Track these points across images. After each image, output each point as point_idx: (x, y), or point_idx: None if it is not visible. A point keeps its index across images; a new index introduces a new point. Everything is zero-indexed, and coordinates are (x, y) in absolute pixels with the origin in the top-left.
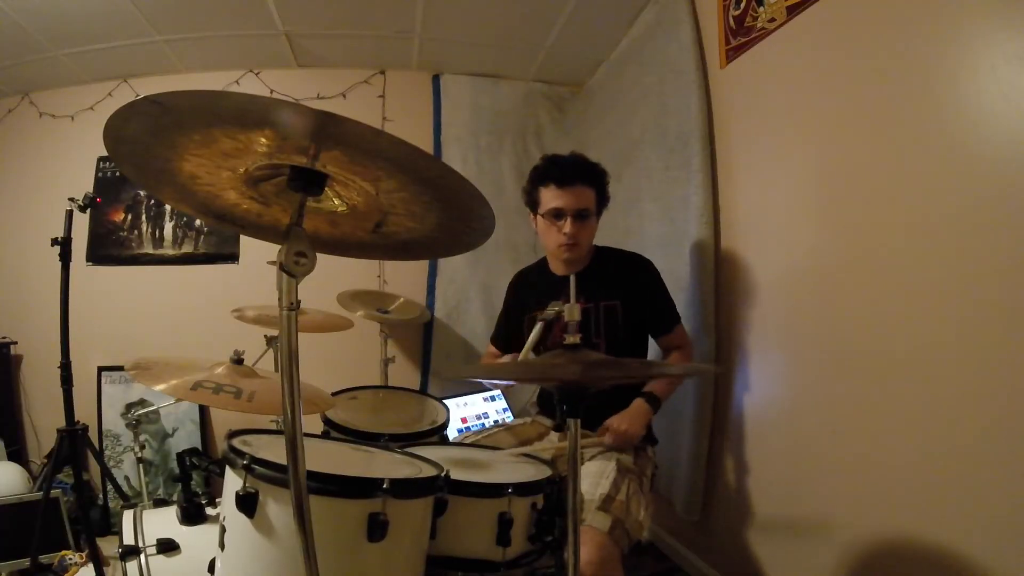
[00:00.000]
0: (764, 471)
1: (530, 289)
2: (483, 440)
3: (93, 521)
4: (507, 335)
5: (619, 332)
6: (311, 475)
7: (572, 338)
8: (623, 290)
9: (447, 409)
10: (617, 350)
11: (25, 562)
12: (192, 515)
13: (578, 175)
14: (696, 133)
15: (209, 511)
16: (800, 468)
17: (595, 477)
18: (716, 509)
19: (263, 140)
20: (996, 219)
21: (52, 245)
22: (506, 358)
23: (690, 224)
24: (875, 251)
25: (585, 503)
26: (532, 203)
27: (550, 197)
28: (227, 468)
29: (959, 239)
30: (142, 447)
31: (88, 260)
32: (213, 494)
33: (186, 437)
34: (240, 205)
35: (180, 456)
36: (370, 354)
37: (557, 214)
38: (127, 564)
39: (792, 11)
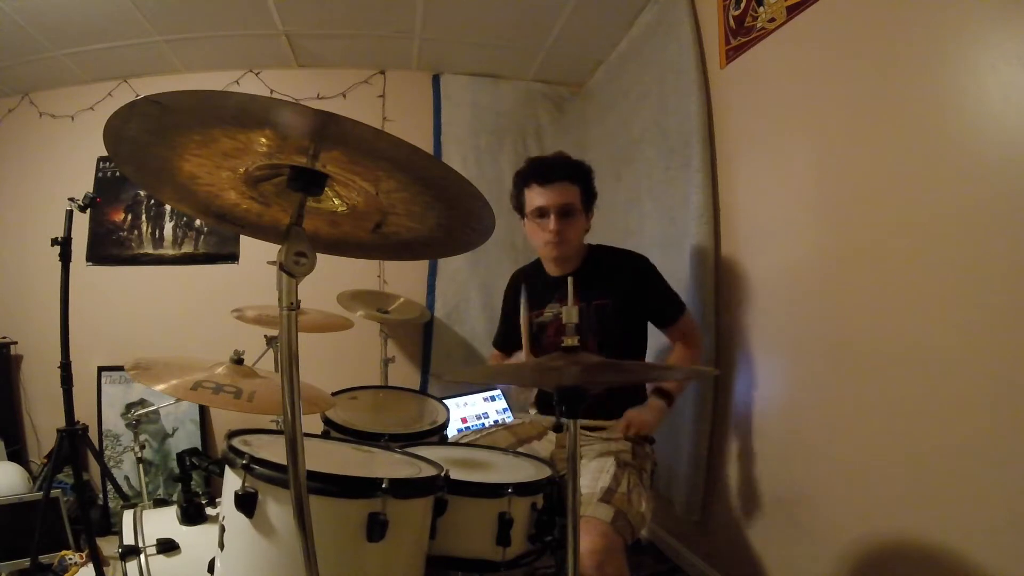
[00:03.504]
0: (764, 471)
1: (526, 290)
2: (482, 439)
3: (93, 521)
4: (507, 337)
5: (610, 331)
6: (311, 475)
7: (570, 340)
8: (615, 288)
9: (447, 409)
10: (610, 348)
11: (25, 562)
12: (192, 515)
13: (559, 173)
14: (696, 133)
15: (209, 511)
16: (800, 468)
17: (595, 472)
18: (716, 509)
19: (263, 140)
20: (996, 219)
21: (52, 245)
22: (517, 356)
23: (690, 224)
24: (875, 251)
25: (585, 497)
26: (519, 207)
27: (533, 196)
28: (227, 468)
29: (959, 239)
30: (142, 447)
31: (88, 260)
32: (213, 494)
33: (186, 437)
34: (240, 205)
35: (180, 456)
36: (370, 354)
37: (541, 212)
38: (127, 564)
39: (792, 11)
